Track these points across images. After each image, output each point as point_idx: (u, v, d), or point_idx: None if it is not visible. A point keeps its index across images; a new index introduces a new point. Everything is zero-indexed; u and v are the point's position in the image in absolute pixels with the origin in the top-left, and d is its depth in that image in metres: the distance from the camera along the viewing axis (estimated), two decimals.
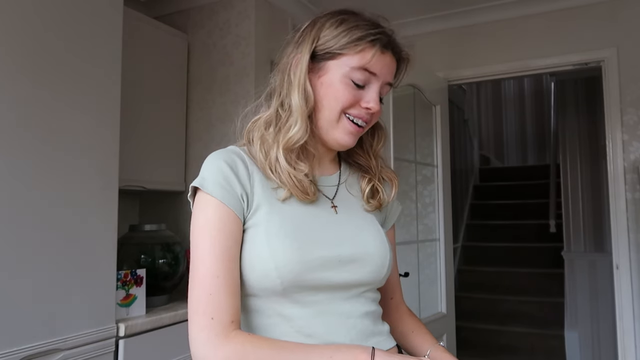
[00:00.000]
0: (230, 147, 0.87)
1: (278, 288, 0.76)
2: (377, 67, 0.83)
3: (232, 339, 0.72)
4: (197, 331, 0.73)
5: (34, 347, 1.41)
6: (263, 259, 0.76)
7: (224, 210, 0.77)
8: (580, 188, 3.65)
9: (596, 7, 2.63)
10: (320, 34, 0.84)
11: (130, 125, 1.99)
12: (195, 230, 0.78)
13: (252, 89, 2.33)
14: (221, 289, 0.74)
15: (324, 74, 0.84)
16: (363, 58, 0.82)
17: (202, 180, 0.80)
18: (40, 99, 1.48)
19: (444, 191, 2.90)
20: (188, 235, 2.40)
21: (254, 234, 0.78)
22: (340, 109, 0.83)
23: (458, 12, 2.90)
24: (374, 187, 0.93)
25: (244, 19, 2.39)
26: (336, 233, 0.83)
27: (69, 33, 1.57)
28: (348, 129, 0.84)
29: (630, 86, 2.54)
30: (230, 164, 0.81)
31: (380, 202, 0.92)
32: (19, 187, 1.40)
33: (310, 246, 0.79)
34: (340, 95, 0.82)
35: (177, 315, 1.88)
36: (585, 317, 3.49)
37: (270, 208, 0.80)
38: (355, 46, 0.81)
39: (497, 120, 6.45)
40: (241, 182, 0.80)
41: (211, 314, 0.73)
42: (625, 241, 2.51)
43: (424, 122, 2.88)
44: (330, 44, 0.83)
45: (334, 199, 0.89)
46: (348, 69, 0.82)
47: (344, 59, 0.82)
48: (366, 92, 0.84)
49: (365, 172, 0.95)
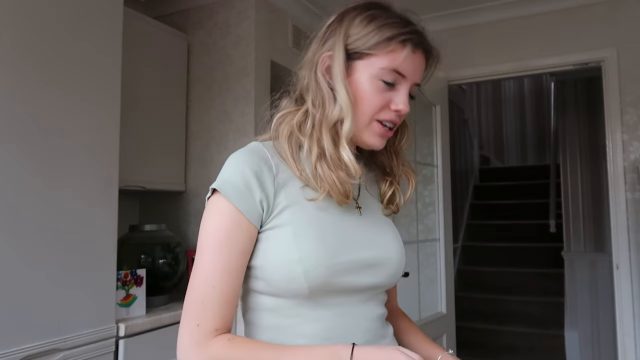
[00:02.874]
0: (253, 145, 0.82)
1: (304, 291, 0.75)
2: (408, 68, 0.79)
3: (209, 347, 0.72)
4: (183, 334, 0.74)
5: (34, 347, 1.41)
6: (291, 262, 0.74)
7: (238, 217, 0.75)
8: (580, 188, 3.65)
9: (596, 7, 2.63)
10: (350, 31, 0.80)
11: (130, 125, 1.98)
12: (204, 234, 0.77)
13: (252, 89, 2.33)
14: (215, 298, 0.74)
15: (351, 74, 0.80)
16: (394, 59, 0.78)
17: (222, 182, 0.77)
18: (40, 99, 1.48)
19: (444, 191, 2.90)
20: (188, 235, 2.41)
21: (279, 234, 0.77)
22: (372, 114, 0.80)
23: (458, 12, 2.90)
24: (394, 191, 0.91)
25: (244, 19, 2.39)
26: (361, 236, 0.82)
27: (69, 33, 1.57)
28: (378, 132, 0.82)
29: (630, 86, 2.54)
30: (254, 169, 0.77)
31: (397, 207, 0.92)
32: (19, 187, 1.40)
33: (338, 250, 0.77)
34: (371, 99, 0.79)
35: (177, 315, 1.88)
36: (585, 317, 3.49)
37: (297, 208, 0.78)
38: (386, 46, 0.78)
39: (497, 120, 6.45)
40: (263, 188, 0.77)
41: (198, 320, 0.73)
42: (625, 241, 2.51)
43: (424, 122, 2.88)
44: (359, 44, 0.79)
45: (358, 199, 0.87)
46: (377, 70, 0.78)
47: (373, 60, 0.79)
48: (396, 94, 0.80)
49: (386, 174, 0.93)
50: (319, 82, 0.81)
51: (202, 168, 2.43)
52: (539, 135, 6.22)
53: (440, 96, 2.94)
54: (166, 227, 2.15)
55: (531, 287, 4.26)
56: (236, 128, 2.36)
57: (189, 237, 2.41)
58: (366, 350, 0.67)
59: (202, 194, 2.41)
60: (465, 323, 3.76)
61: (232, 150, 2.63)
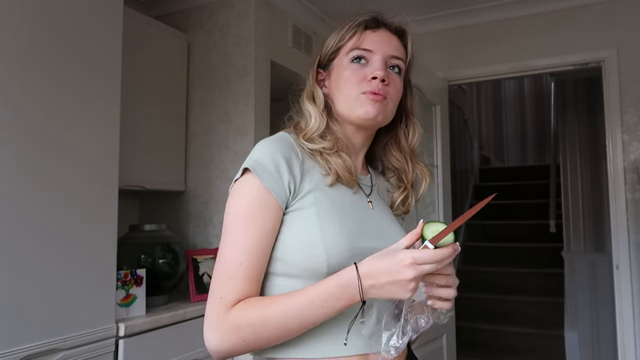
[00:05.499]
0: (281, 134, 0.89)
1: (323, 270, 0.77)
2: (372, 43, 0.90)
3: (230, 314, 0.75)
4: (208, 309, 0.77)
5: (34, 347, 1.41)
6: (314, 241, 0.78)
7: (267, 197, 0.79)
8: (580, 188, 3.65)
9: (596, 7, 2.63)
10: (324, 46, 0.95)
11: (130, 125, 1.98)
12: (232, 212, 0.80)
13: (252, 89, 2.33)
14: (241, 275, 0.76)
15: (332, 71, 0.93)
16: (355, 41, 0.90)
17: (253, 163, 0.81)
18: (40, 99, 1.48)
19: (444, 191, 2.90)
20: (188, 235, 2.41)
21: (303, 215, 0.80)
22: (354, 89, 0.88)
23: (458, 12, 2.90)
24: (406, 195, 0.98)
25: (244, 19, 2.39)
26: (375, 226, 0.88)
27: (69, 33, 1.57)
28: (365, 100, 0.87)
29: (630, 86, 2.54)
30: (284, 153, 0.83)
31: (408, 209, 0.99)
32: (19, 187, 1.40)
33: (356, 235, 0.82)
34: (349, 79, 0.89)
35: (176, 315, 1.88)
36: (585, 317, 3.49)
37: (319, 194, 0.83)
38: (348, 37, 0.91)
39: (497, 120, 6.45)
40: (292, 171, 0.82)
41: (222, 294, 0.76)
42: (625, 241, 2.51)
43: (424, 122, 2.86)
44: (329, 47, 0.94)
45: (369, 195, 0.93)
46: (345, 56, 0.91)
47: (342, 51, 0.92)
48: (369, 66, 0.89)
49: (399, 180, 0.99)
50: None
51: (202, 168, 2.43)
52: (539, 135, 6.22)
53: (440, 96, 2.94)
54: (166, 227, 2.15)
55: (531, 287, 4.26)
56: (236, 128, 2.35)
57: (189, 237, 2.41)
58: (370, 266, 0.71)
59: (202, 194, 2.41)
60: (465, 323, 3.76)
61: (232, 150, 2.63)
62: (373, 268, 0.71)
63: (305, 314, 0.73)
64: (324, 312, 0.73)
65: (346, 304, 0.72)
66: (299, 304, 0.73)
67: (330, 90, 0.93)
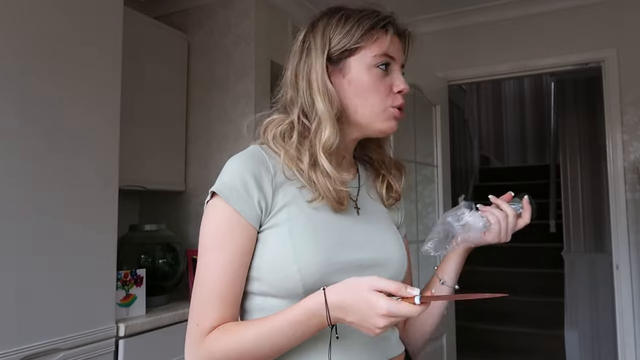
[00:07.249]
0: (252, 148, 0.84)
1: (299, 290, 0.75)
2: (395, 50, 0.84)
3: (204, 342, 0.74)
4: (187, 334, 0.77)
5: (34, 347, 1.41)
6: (286, 261, 0.75)
7: (237, 218, 0.76)
8: (580, 188, 3.65)
9: (596, 7, 2.63)
10: (330, 34, 0.83)
11: (130, 125, 1.98)
12: (204, 236, 0.79)
13: (252, 88, 2.33)
14: (214, 298, 0.75)
15: (348, 72, 0.83)
16: (382, 45, 0.82)
17: (220, 185, 0.78)
18: (40, 99, 1.48)
19: (444, 191, 2.90)
20: (188, 235, 2.41)
21: (276, 233, 0.78)
22: (383, 101, 0.83)
23: (458, 12, 2.90)
24: (388, 183, 0.94)
25: (244, 19, 2.39)
26: (359, 236, 0.83)
27: (69, 33, 1.57)
28: (392, 116, 0.85)
29: (630, 86, 2.54)
30: (252, 171, 0.79)
31: (398, 194, 0.95)
32: (19, 187, 1.40)
33: (334, 249, 0.78)
34: (375, 88, 0.83)
35: (176, 315, 1.88)
36: (585, 317, 3.49)
37: (294, 208, 0.79)
38: (371, 36, 0.82)
39: (497, 120, 6.45)
40: (261, 188, 0.78)
41: (197, 320, 0.76)
42: (625, 241, 2.51)
43: (424, 122, 2.88)
44: (345, 41, 0.82)
45: (357, 200, 0.88)
46: (371, 59, 0.82)
47: (363, 52, 0.82)
48: (392, 77, 0.84)
49: (378, 169, 0.95)
50: (300, 96, 0.84)
51: (202, 168, 2.43)
52: (539, 135, 6.21)
53: (440, 96, 2.94)
54: (166, 227, 2.15)
55: (531, 287, 4.25)
56: (236, 128, 2.35)
57: (189, 237, 2.41)
58: (341, 298, 0.67)
59: (202, 194, 2.41)
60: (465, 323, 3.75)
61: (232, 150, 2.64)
62: (344, 302, 0.67)
63: (277, 340, 0.71)
64: (296, 338, 0.71)
65: (317, 329, 0.71)
66: (270, 330, 0.71)
67: (344, 92, 0.83)
